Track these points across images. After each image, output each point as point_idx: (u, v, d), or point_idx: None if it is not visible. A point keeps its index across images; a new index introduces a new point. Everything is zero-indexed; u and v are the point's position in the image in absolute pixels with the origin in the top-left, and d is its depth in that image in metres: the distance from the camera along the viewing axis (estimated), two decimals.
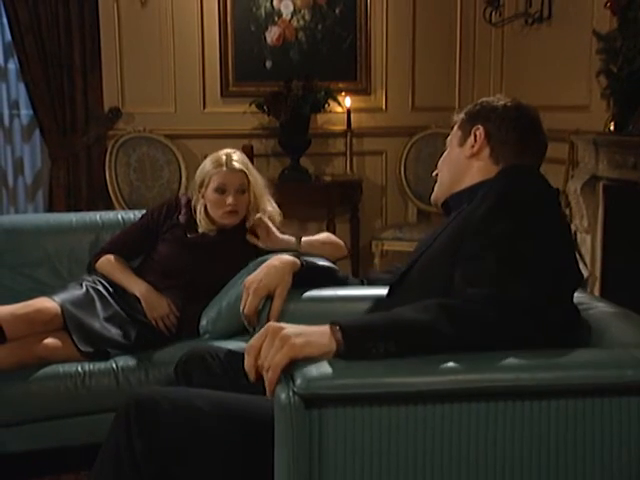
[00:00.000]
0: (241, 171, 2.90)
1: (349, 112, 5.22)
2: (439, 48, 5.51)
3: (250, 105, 5.11)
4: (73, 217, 3.25)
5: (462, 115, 1.93)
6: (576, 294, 1.70)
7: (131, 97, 5.16)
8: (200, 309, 2.90)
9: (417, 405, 1.35)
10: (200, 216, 2.93)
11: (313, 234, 2.95)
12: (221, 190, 2.87)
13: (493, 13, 4.85)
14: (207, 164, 2.94)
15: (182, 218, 2.99)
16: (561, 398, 1.37)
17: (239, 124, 5.23)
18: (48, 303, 2.66)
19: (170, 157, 5.07)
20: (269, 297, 2.04)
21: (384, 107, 5.52)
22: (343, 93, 5.25)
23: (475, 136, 1.84)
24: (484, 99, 1.92)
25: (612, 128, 3.38)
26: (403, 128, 5.45)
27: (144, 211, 3.20)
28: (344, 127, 5.26)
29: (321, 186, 5.17)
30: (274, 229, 2.82)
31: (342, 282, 2.25)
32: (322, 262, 2.72)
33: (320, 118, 5.31)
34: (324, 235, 2.97)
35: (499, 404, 1.36)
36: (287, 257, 2.09)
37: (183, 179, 5.07)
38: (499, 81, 5.13)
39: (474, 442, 1.36)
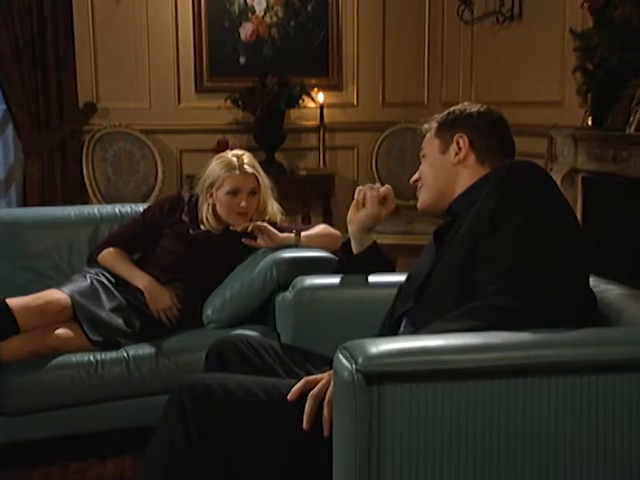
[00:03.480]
0: (253, 174, 2.97)
1: (322, 107, 5.32)
2: (409, 45, 5.65)
3: (225, 100, 5.18)
4: (72, 211, 3.27)
5: (434, 124, 2.00)
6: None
7: (106, 92, 5.18)
8: (201, 301, 2.96)
9: (476, 381, 1.43)
10: (207, 215, 2.98)
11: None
12: (234, 193, 2.93)
13: (465, 11, 4.98)
14: (217, 166, 2.97)
15: (185, 215, 3.04)
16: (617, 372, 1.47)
17: (214, 119, 5.29)
18: (58, 295, 2.70)
19: (146, 152, 5.11)
20: None
21: (355, 103, 5.64)
22: (315, 89, 5.35)
23: (458, 144, 1.92)
24: (454, 108, 2.00)
25: (590, 123, 3.54)
26: (374, 123, 5.57)
27: (142, 206, 3.25)
28: (317, 122, 5.37)
29: (296, 180, 5.25)
30: (272, 230, 2.88)
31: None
32: (322, 253, 2.84)
33: (293, 113, 5.40)
34: (321, 227, 3.06)
35: (559, 379, 1.44)
36: None
37: (159, 174, 5.12)
38: (469, 78, 5.28)
39: (529, 417, 1.44)
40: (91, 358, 2.63)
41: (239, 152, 3.04)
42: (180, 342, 2.78)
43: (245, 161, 2.97)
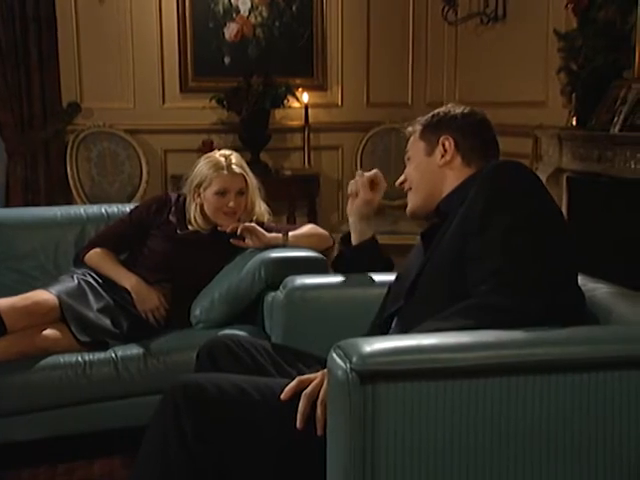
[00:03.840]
0: (241, 175, 2.97)
1: (307, 108, 5.33)
2: (393, 45, 5.66)
3: (210, 100, 5.17)
4: (58, 211, 3.26)
5: (418, 127, 2.01)
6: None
7: (89, 92, 5.16)
8: (189, 301, 2.96)
9: (469, 379, 1.44)
10: (195, 215, 2.98)
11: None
12: (222, 193, 2.93)
13: (449, 12, 5.00)
14: (205, 166, 2.98)
15: (172, 215, 3.04)
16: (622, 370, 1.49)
17: (198, 119, 5.29)
18: (46, 295, 2.69)
19: (131, 152, 5.10)
20: None
21: (340, 103, 5.65)
22: (300, 89, 5.36)
23: (444, 146, 1.94)
24: (438, 110, 2.02)
25: (574, 123, 3.57)
26: (358, 123, 5.59)
27: (129, 206, 3.25)
28: (301, 122, 5.38)
29: (281, 180, 5.25)
30: (260, 230, 2.88)
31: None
32: (309, 253, 2.84)
33: (278, 113, 5.41)
34: (309, 227, 3.07)
35: (551, 377, 1.46)
36: None
37: (144, 174, 5.10)
38: (453, 78, 5.30)
39: (522, 416, 1.46)
40: (79, 359, 2.62)
41: (227, 152, 3.04)
42: (169, 342, 2.78)
43: (233, 161, 2.98)
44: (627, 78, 3.45)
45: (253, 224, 2.88)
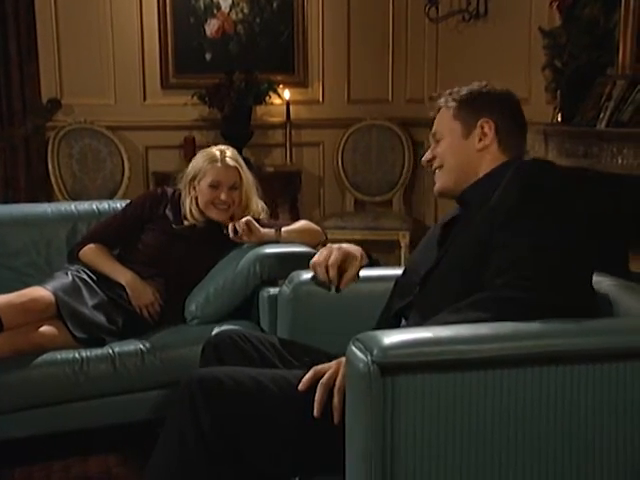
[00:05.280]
0: (235, 168, 2.98)
1: (288, 104, 5.33)
2: (373, 42, 5.68)
3: (192, 97, 5.16)
4: (48, 208, 3.25)
5: (452, 103, 1.91)
6: None
7: (70, 88, 5.11)
8: (184, 297, 2.97)
9: (487, 370, 1.48)
10: (191, 207, 2.99)
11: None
12: (215, 186, 2.94)
13: (431, 9, 5.03)
14: (200, 159, 3.00)
15: (169, 210, 3.04)
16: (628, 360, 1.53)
17: (180, 116, 5.27)
18: (42, 292, 2.68)
19: (112, 149, 5.07)
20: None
21: (321, 99, 5.66)
22: (281, 85, 5.36)
23: (483, 129, 1.87)
24: (473, 87, 1.93)
25: (559, 119, 3.62)
26: (339, 120, 5.60)
27: (120, 202, 3.26)
28: (283, 119, 5.38)
29: (264, 177, 5.22)
30: (256, 224, 2.89)
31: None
32: (303, 248, 2.86)
33: (260, 110, 5.41)
34: (302, 223, 3.09)
35: (573, 367, 1.50)
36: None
37: (126, 170, 5.07)
38: (433, 75, 5.33)
39: (542, 405, 1.50)
40: (76, 355, 2.62)
41: (223, 147, 3.06)
42: (165, 338, 2.78)
43: (228, 154, 2.99)
44: (611, 75, 3.50)
45: (249, 217, 2.89)
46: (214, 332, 2.13)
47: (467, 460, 1.51)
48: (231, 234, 2.86)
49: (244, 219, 2.85)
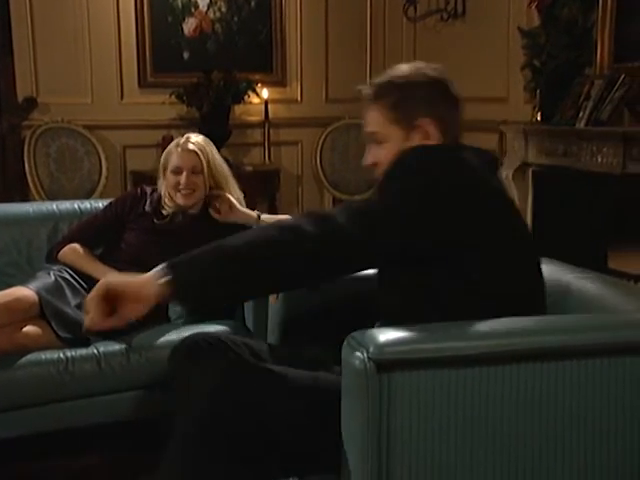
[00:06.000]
0: (194, 152, 2.97)
1: (267, 103, 5.34)
2: (351, 41, 5.71)
3: (170, 95, 5.14)
4: (29, 207, 3.21)
5: (383, 108, 1.81)
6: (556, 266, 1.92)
7: (46, 87, 5.08)
8: None
9: (482, 367, 1.50)
10: (165, 198, 2.99)
11: None
12: (175, 171, 2.95)
13: (410, 9, 5.06)
14: (168, 148, 3.02)
15: (148, 206, 3.03)
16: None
17: (158, 115, 5.25)
18: (25, 291, 2.64)
19: (89, 148, 5.04)
20: None
21: (299, 98, 5.68)
22: (259, 84, 5.36)
23: (424, 128, 1.79)
24: (398, 78, 1.82)
25: (539, 118, 3.66)
26: (318, 119, 5.62)
27: (102, 201, 3.22)
28: (261, 118, 5.38)
29: (242, 176, 5.21)
30: (234, 201, 2.91)
31: None
32: None
33: (238, 109, 5.40)
34: (284, 216, 3.09)
35: (565, 363, 1.52)
36: None
37: (104, 170, 5.05)
38: None
39: (536, 401, 1.52)
40: (61, 355, 2.59)
41: (192, 134, 3.05)
42: (150, 338, 2.76)
43: (191, 140, 2.99)
44: (589, 74, 3.54)
45: (227, 194, 2.90)
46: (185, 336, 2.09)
47: (462, 456, 1.52)
48: (213, 213, 2.91)
49: (222, 193, 2.87)
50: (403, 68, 1.86)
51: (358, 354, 1.47)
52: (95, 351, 2.65)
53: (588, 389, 1.55)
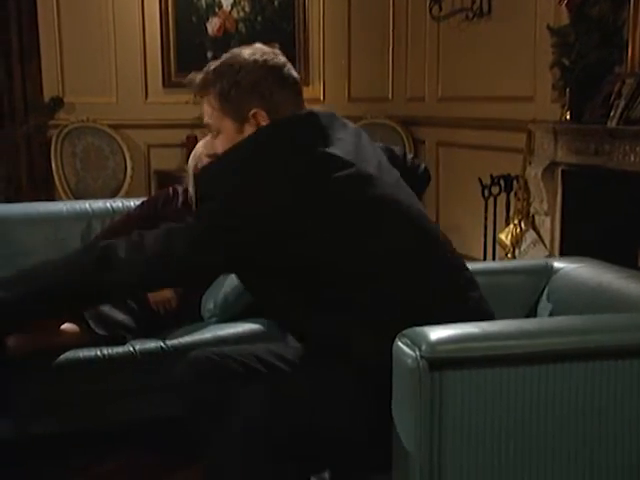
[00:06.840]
0: None
1: None
2: (374, 41, 5.72)
3: (194, 95, 5.13)
4: (63, 206, 3.23)
5: (213, 99, 1.73)
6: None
7: (72, 87, 5.11)
8: (200, 294, 2.96)
9: (532, 365, 1.50)
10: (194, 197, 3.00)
11: None
12: None
13: (434, 7, 5.06)
14: (198, 146, 3.03)
15: (180, 205, 3.04)
16: None
17: (182, 114, 5.26)
18: None
19: (115, 147, 5.07)
20: None
21: (322, 98, 5.68)
22: None
23: (256, 118, 1.70)
24: (224, 66, 1.73)
25: (568, 117, 3.64)
26: None
27: (134, 200, 3.24)
28: None
29: None
30: None
31: None
32: None
33: None
34: None
35: (617, 362, 1.52)
36: None
37: (128, 169, 5.07)
38: (435, 73, 5.35)
39: (588, 400, 1.52)
40: (98, 353, 2.61)
41: None
42: (186, 336, 2.77)
43: None
44: (619, 73, 3.52)
45: None
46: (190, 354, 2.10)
47: (513, 455, 1.53)
48: None
49: None
50: (235, 53, 1.77)
51: (410, 352, 1.48)
52: (131, 349, 2.66)
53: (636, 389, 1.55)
